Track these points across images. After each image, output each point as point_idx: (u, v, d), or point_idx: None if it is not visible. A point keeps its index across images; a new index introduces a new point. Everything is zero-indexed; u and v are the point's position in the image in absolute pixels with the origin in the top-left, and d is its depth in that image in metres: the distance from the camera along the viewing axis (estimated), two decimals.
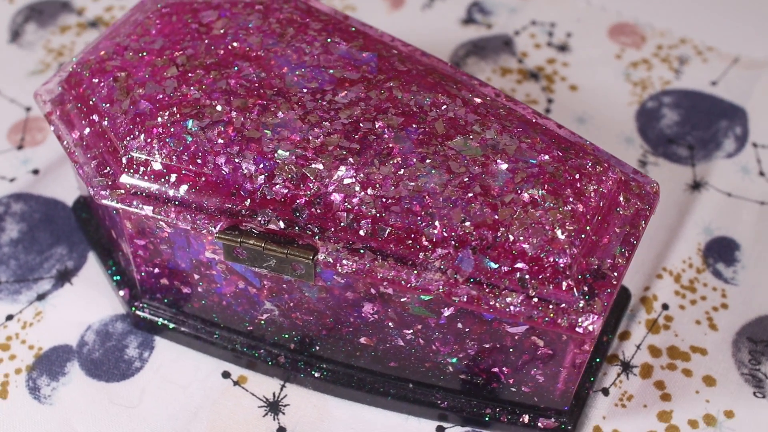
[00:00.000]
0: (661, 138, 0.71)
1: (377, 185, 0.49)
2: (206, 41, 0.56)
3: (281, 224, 0.50)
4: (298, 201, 0.50)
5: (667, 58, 0.77)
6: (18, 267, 0.61)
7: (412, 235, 0.49)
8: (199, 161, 0.51)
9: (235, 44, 0.56)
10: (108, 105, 0.53)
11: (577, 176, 0.50)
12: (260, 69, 0.54)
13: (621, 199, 0.51)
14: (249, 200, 0.50)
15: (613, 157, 0.54)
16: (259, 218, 0.50)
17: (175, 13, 0.58)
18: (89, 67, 0.56)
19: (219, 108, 0.52)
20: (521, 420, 0.54)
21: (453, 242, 0.48)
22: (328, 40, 0.56)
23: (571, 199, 0.49)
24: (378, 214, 0.49)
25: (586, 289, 0.48)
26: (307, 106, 0.52)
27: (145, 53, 0.55)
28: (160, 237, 0.53)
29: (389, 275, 0.48)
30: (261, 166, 0.50)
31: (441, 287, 0.48)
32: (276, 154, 0.50)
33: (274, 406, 0.55)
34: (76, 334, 0.58)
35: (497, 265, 0.48)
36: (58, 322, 0.59)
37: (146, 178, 0.51)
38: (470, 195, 0.49)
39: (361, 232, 0.49)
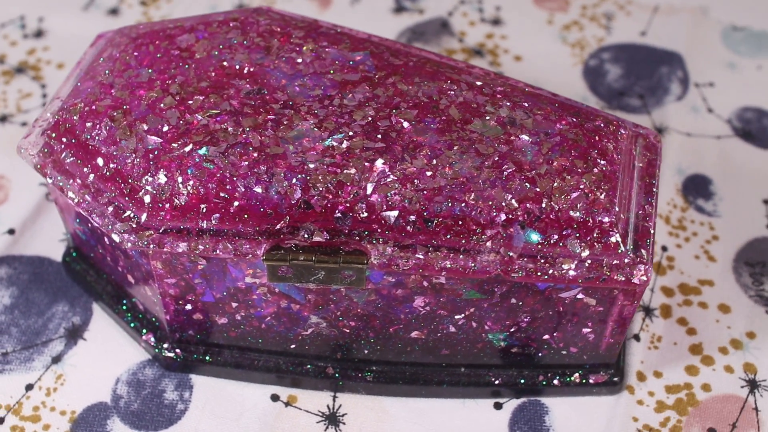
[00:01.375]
0: (612, 92, 0.75)
1: (415, 179, 0.50)
2: (193, 65, 0.54)
3: (326, 235, 0.49)
4: (338, 209, 0.49)
5: (595, 16, 0.81)
6: (21, 333, 0.58)
7: (459, 222, 0.49)
8: (227, 187, 0.49)
9: (224, 63, 0.54)
10: (113, 147, 0.51)
11: (596, 138, 0.52)
12: (258, 85, 0.53)
13: (635, 152, 0.54)
14: (288, 217, 0.49)
15: (612, 115, 0.56)
16: (303, 233, 0.49)
17: (150, 41, 0.56)
18: (77, 112, 0.53)
19: (231, 130, 0.51)
20: (573, 381, 0.56)
21: (501, 221, 0.49)
22: (316, 45, 0.56)
23: (598, 161, 0.51)
24: (422, 207, 0.49)
25: (630, 242, 0.50)
26: (318, 114, 0.52)
27: (134, 87, 0.53)
28: (194, 272, 0.52)
29: (447, 265, 0.49)
30: (294, 181, 0.49)
31: (498, 267, 0.49)
32: (306, 167, 0.50)
33: (332, 419, 0.55)
34: (108, 390, 0.56)
35: (548, 236, 0.49)
36: (84, 380, 0.56)
37: (175, 213, 0.49)
38: (506, 173, 0.50)
39: (409, 228, 0.49)
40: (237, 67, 0.54)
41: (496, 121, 0.52)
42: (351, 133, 0.51)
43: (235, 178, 0.49)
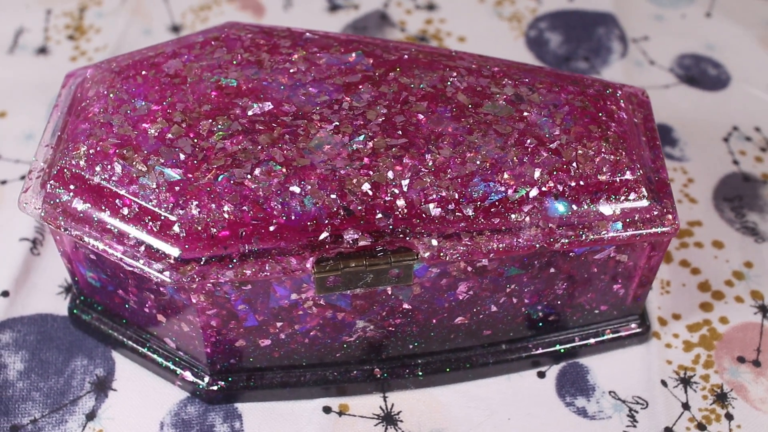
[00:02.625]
0: (558, 59, 0.77)
1: (447, 168, 0.50)
2: (189, 90, 0.53)
3: (369, 238, 0.49)
4: (377, 210, 0.49)
5: None
6: (45, 396, 0.55)
7: (496, 203, 0.50)
8: (264, 207, 0.48)
9: (221, 83, 0.53)
10: (132, 186, 0.49)
11: (601, 102, 0.54)
12: (261, 100, 0.52)
13: (631, 111, 0.56)
14: (329, 226, 0.49)
15: (601, 78, 0.58)
16: (347, 240, 0.49)
17: (136, 73, 0.54)
18: (82, 156, 0.51)
19: (250, 148, 0.50)
20: (606, 337, 0.58)
21: (535, 195, 0.50)
22: (306, 53, 0.55)
23: (609, 123, 0.53)
24: (458, 195, 0.50)
25: (653, 195, 0.52)
26: (332, 120, 0.52)
27: (135, 122, 0.51)
28: (237, 298, 0.50)
29: (493, 246, 0.50)
30: (328, 191, 0.49)
31: (541, 240, 0.50)
32: (337, 174, 0.49)
33: (388, 419, 0.55)
34: None
35: (581, 202, 0.51)
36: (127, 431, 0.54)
37: (213, 242, 0.48)
38: (530, 148, 0.51)
39: (450, 217, 0.50)
40: (234, 85, 0.53)
41: (505, 101, 0.53)
42: (371, 134, 0.51)
43: (269, 197, 0.49)
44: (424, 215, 0.50)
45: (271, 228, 0.49)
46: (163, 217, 0.49)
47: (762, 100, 0.74)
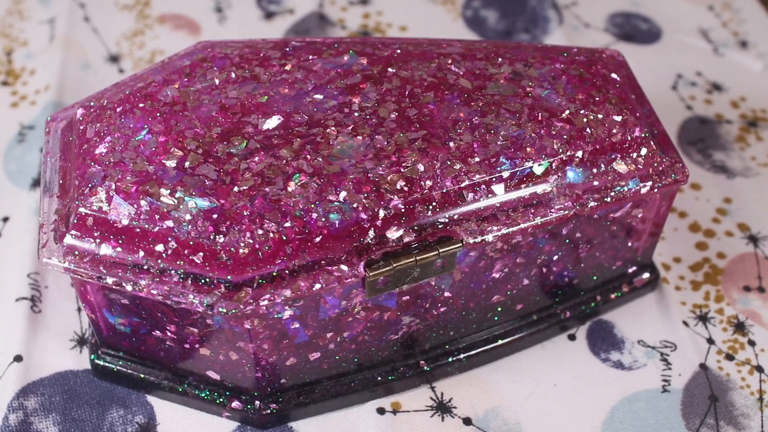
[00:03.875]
0: (501, 35, 0.79)
1: (472, 153, 0.51)
2: (192, 116, 0.52)
3: (413, 233, 0.49)
4: (416, 205, 0.49)
5: None
6: None
7: (524, 178, 0.51)
8: (305, 219, 0.48)
9: (224, 104, 0.52)
10: (163, 222, 0.47)
11: (593, 68, 0.56)
12: (269, 114, 0.52)
13: (615, 72, 0.58)
14: (372, 229, 0.49)
15: (581, 47, 0.60)
16: (392, 239, 0.49)
17: (132, 106, 0.52)
18: (103, 201, 0.48)
19: (276, 164, 0.49)
20: (623, 291, 0.60)
21: (558, 165, 0.52)
22: (299, 61, 0.55)
23: (607, 86, 0.55)
24: (489, 177, 0.51)
25: (660, 147, 0.54)
26: (347, 123, 0.51)
27: (149, 156, 0.50)
28: (289, 316, 0.50)
29: (531, 221, 0.51)
30: (366, 194, 0.49)
31: (573, 207, 0.52)
32: (369, 175, 0.49)
33: (442, 408, 0.56)
34: None
35: (600, 164, 0.52)
36: None
37: (261, 264, 0.47)
38: (544, 121, 0.52)
39: (484, 199, 0.51)
40: (238, 104, 0.52)
41: (505, 80, 0.55)
42: (389, 131, 0.51)
43: (309, 210, 0.48)
44: (460, 201, 0.50)
45: (317, 239, 0.48)
46: (206, 247, 0.47)
47: (696, 46, 0.78)
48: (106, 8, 0.79)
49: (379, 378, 0.56)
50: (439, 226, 0.50)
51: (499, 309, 0.57)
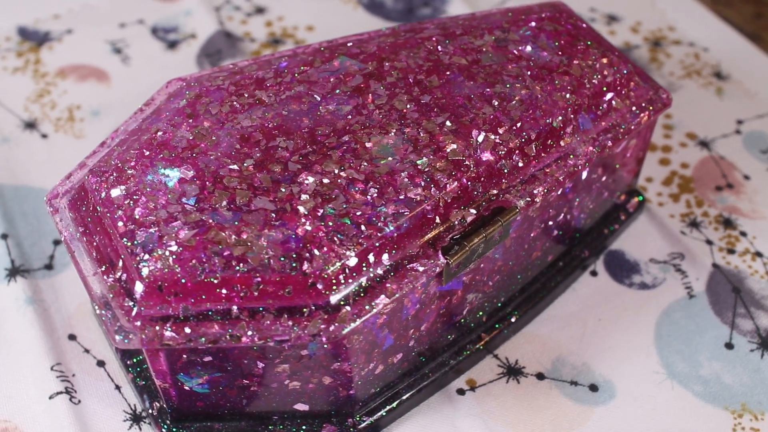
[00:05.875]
0: (404, 13, 0.81)
1: (499, 123, 0.52)
2: (217, 154, 0.50)
3: (473, 211, 0.51)
4: (468, 183, 0.50)
5: None
6: None
7: (548, 135, 0.53)
8: (378, 224, 0.48)
9: (243, 134, 0.50)
10: (241, 264, 0.46)
11: (559, 21, 0.59)
12: (292, 135, 0.51)
13: (574, 20, 0.62)
14: (437, 218, 0.49)
15: (530, 5, 0.63)
16: (456, 222, 0.50)
17: (151, 157, 0.50)
18: (168, 259, 0.46)
19: (326, 181, 0.49)
20: (621, 219, 0.64)
21: (571, 116, 0.54)
22: (295, 75, 0.54)
23: (580, 34, 0.58)
24: (520, 141, 0.52)
25: (641, 78, 0.58)
26: (372, 124, 0.52)
27: (196, 203, 0.47)
28: (379, 324, 0.49)
29: (565, 173, 0.53)
30: (422, 185, 0.49)
31: (594, 150, 0.55)
32: (418, 167, 0.50)
33: (513, 371, 0.57)
34: None
35: (602, 105, 0.56)
36: None
37: (349, 277, 0.47)
38: (546, 78, 0.55)
39: (520, 164, 0.52)
40: (254, 132, 0.51)
41: (492, 49, 0.56)
42: (415, 121, 0.52)
43: (377, 217, 0.48)
44: (503, 171, 0.52)
45: (394, 239, 0.48)
46: (293, 278, 0.46)
47: None
48: None
49: (452, 361, 0.56)
50: (492, 199, 0.51)
51: (538, 263, 0.59)
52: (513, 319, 0.59)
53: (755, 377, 0.57)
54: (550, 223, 0.57)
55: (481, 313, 0.58)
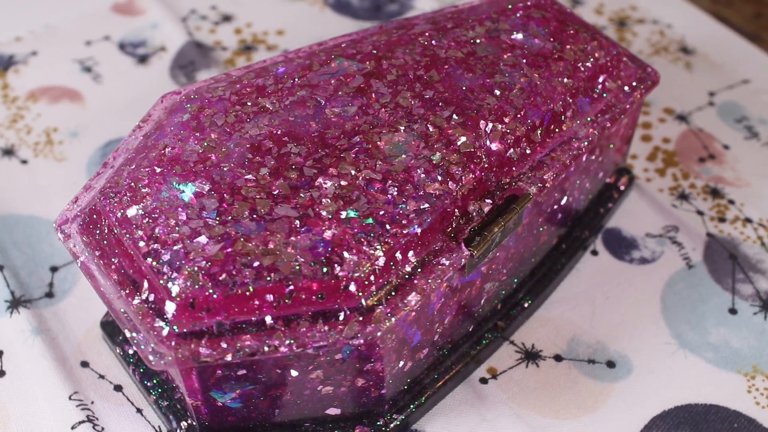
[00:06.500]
0: (372, 11, 0.81)
1: (504, 112, 0.53)
2: (230, 165, 0.49)
3: (488, 201, 0.51)
4: (482, 174, 0.51)
5: None
6: None
7: (550, 121, 0.54)
8: (404, 222, 0.48)
9: (254, 144, 0.50)
10: (274, 273, 0.45)
11: (546, 8, 0.60)
12: (302, 140, 0.51)
13: (555, 6, 0.63)
14: (456, 211, 0.50)
15: None
16: (474, 213, 0.50)
17: (164, 174, 0.49)
18: (198, 279, 0.45)
19: (343, 183, 0.49)
20: (615, 197, 0.66)
21: (570, 100, 0.55)
22: (295, 81, 0.54)
23: (567, 19, 0.59)
24: (525, 128, 0.53)
25: (629, 58, 0.60)
26: (379, 123, 0.52)
27: (218, 216, 0.47)
28: (409, 321, 0.49)
29: (571, 156, 0.54)
30: (439, 180, 0.49)
31: (596, 131, 0.56)
32: (433, 162, 0.50)
33: (531, 355, 0.58)
34: None
35: (597, 87, 0.57)
36: None
37: (379, 277, 0.47)
38: (542, 65, 0.56)
39: (528, 151, 0.53)
40: (264, 140, 0.50)
41: (486, 40, 0.57)
42: (422, 117, 0.52)
43: (402, 216, 0.48)
44: (513, 159, 0.52)
45: (418, 236, 0.48)
46: (327, 282, 0.46)
47: None
48: None
49: (472, 351, 0.57)
50: (505, 187, 0.52)
51: (545, 247, 0.60)
52: (526, 305, 0.59)
53: (762, 339, 0.59)
54: (555, 206, 0.58)
55: (496, 302, 0.58)
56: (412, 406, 0.54)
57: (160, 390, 0.54)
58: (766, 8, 0.77)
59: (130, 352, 0.56)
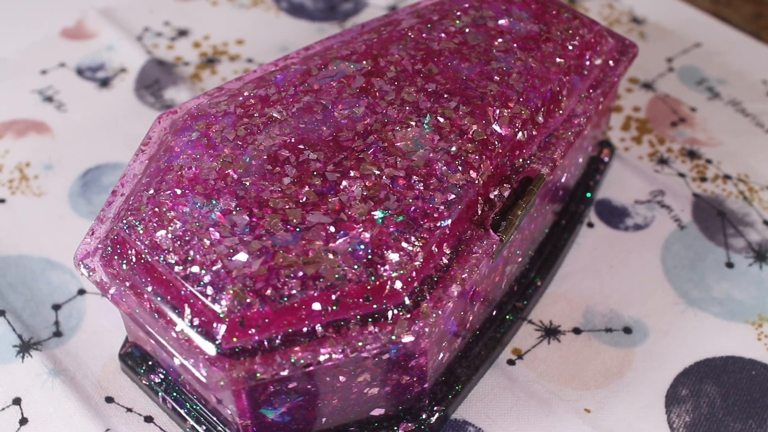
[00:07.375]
0: (327, 12, 0.81)
1: (508, 97, 0.54)
2: (251, 179, 0.49)
3: (506, 185, 0.52)
4: (498, 160, 0.52)
5: None
6: None
7: (550, 101, 0.55)
8: (434, 215, 0.48)
9: (270, 155, 0.50)
10: (318, 281, 0.45)
11: None
12: (318, 146, 0.50)
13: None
14: (479, 198, 0.50)
15: None
16: (496, 199, 0.51)
17: (183, 195, 0.48)
18: (244, 296, 0.44)
19: (368, 184, 0.49)
20: (601, 169, 0.67)
21: (565, 79, 0.57)
22: (297, 87, 0.53)
23: (547, 0, 0.60)
24: (530, 111, 0.54)
25: (609, 33, 0.61)
26: (389, 120, 0.52)
27: (249, 230, 0.46)
28: (449, 312, 0.50)
29: (574, 133, 0.55)
30: (461, 170, 0.50)
31: (592, 107, 0.57)
32: (451, 153, 0.50)
33: (551, 332, 0.59)
34: None
35: (586, 63, 0.58)
36: None
37: (421, 271, 0.47)
38: (534, 47, 0.57)
39: (534, 132, 0.54)
40: (279, 150, 0.50)
41: (473, 29, 0.58)
42: (430, 110, 0.52)
43: (432, 211, 0.48)
44: (522, 142, 0.53)
45: (447, 228, 0.49)
46: (372, 283, 0.46)
47: None
48: None
49: (497, 335, 0.58)
50: (519, 171, 0.53)
51: (548, 224, 0.61)
52: (539, 283, 0.61)
53: (762, 287, 0.62)
54: (557, 183, 0.60)
55: (513, 283, 0.59)
56: (449, 396, 0.55)
57: (195, 416, 0.53)
58: (766, 8, 0.80)
59: (157, 380, 0.54)
